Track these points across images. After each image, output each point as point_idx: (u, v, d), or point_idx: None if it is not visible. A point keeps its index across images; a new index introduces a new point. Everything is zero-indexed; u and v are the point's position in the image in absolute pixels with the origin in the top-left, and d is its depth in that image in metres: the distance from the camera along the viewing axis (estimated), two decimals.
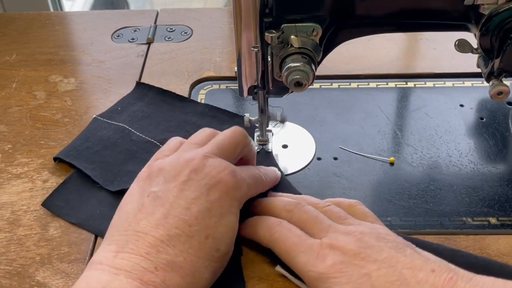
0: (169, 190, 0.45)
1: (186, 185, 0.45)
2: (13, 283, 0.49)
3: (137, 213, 0.44)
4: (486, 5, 0.47)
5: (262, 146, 0.61)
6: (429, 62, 0.75)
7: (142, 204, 0.45)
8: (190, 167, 0.46)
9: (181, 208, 0.44)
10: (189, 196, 0.44)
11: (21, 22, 0.86)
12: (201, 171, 0.46)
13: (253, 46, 0.49)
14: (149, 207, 0.44)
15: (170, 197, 0.44)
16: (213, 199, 0.45)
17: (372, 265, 0.42)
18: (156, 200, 0.45)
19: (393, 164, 0.60)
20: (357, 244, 0.44)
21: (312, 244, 0.45)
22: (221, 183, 0.46)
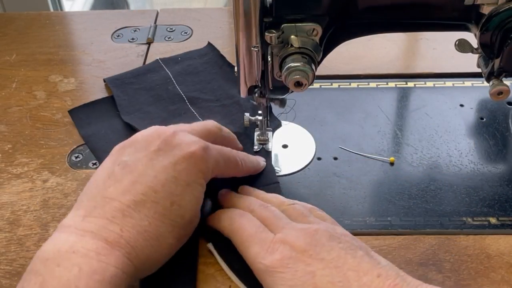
0: (139, 160, 0.46)
1: (155, 155, 0.47)
2: (13, 283, 0.49)
3: (106, 180, 0.46)
4: (486, 5, 0.47)
5: (262, 146, 0.60)
6: (429, 62, 0.75)
7: (112, 172, 0.46)
8: (162, 138, 0.47)
9: (149, 176, 0.45)
10: (157, 165, 0.46)
11: (21, 22, 0.86)
12: (172, 142, 0.47)
13: (253, 46, 0.49)
14: (118, 175, 0.46)
15: (139, 166, 0.46)
16: (180, 168, 0.46)
17: (318, 264, 0.43)
18: (125, 168, 0.46)
19: (393, 164, 0.60)
20: (307, 241, 0.44)
21: (266, 237, 0.46)
22: (189, 155, 0.47)
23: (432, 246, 0.51)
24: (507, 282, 0.48)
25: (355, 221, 0.54)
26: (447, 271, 0.49)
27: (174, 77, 0.71)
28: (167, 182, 0.45)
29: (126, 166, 0.46)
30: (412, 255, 0.50)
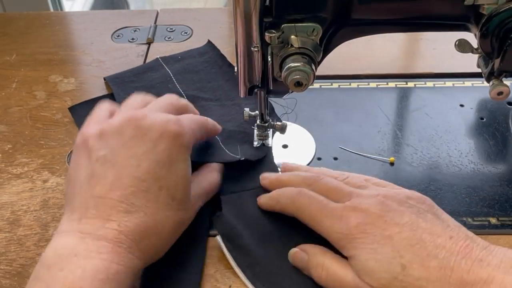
0: (116, 151, 0.46)
1: (132, 142, 0.46)
2: (13, 283, 0.49)
3: (90, 179, 0.45)
4: (486, 5, 0.47)
5: (262, 141, 0.60)
6: (429, 62, 0.75)
7: (92, 169, 0.45)
8: (133, 124, 0.46)
9: (131, 167, 0.45)
10: (137, 153, 0.45)
11: (21, 22, 0.86)
12: (144, 126, 0.46)
13: (253, 46, 0.49)
14: (100, 172, 0.45)
15: (119, 158, 0.45)
16: (160, 150, 0.46)
17: (395, 228, 0.44)
18: (106, 163, 0.45)
19: (393, 164, 0.60)
20: (380, 207, 0.45)
21: (335, 207, 0.47)
22: (166, 133, 0.46)
23: None
24: None
25: None
26: None
27: (174, 75, 0.71)
28: (151, 168, 0.45)
29: (106, 161, 0.45)
30: None
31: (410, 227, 0.44)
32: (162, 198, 0.45)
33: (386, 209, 0.45)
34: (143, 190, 0.45)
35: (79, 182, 0.46)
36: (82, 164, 0.47)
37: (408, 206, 0.46)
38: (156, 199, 0.45)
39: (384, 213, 0.45)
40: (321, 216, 0.47)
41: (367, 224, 0.45)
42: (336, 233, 0.46)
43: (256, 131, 0.61)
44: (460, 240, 0.43)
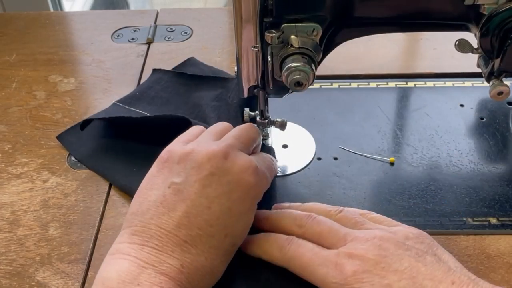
0: (191, 185, 0.45)
1: (207, 181, 0.45)
2: (13, 283, 0.49)
3: (159, 206, 0.45)
4: (486, 5, 0.47)
5: (262, 141, 0.60)
6: (429, 62, 0.75)
7: (164, 195, 0.45)
8: (213, 161, 0.46)
9: (202, 207, 0.44)
10: (211, 194, 0.45)
11: (21, 22, 0.86)
12: (223, 166, 0.46)
13: (253, 46, 0.49)
14: (170, 201, 0.45)
15: (192, 193, 0.45)
16: (234, 198, 0.45)
17: (393, 276, 0.42)
18: (178, 194, 0.45)
19: (393, 164, 0.60)
20: (377, 252, 0.43)
21: (327, 255, 0.45)
22: (243, 182, 0.46)
23: None
24: (507, 282, 0.48)
25: None
26: None
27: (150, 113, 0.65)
28: (221, 214, 0.45)
29: (178, 192, 0.45)
30: None
31: (409, 274, 0.42)
32: (225, 245, 0.45)
33: (383, 254, 0.43)
34: (209, 235, 0.44)
35: (147, 203, 0.45)
36: (156, 183, 0.46)
37: (406, 248, 0.44)
38: (219, 246, 0.45)
39: (381, 259, 0.43)
40: (314, 265, 0.45)
41: (364, 272, 0.42)
42: (332, 283, 0.43)
43: None
44: (463, 285, 0.41)
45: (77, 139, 0.63)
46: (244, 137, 0.50)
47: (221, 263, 0.45)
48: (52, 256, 0.51)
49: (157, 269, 0.42)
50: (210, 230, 0.44)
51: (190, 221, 0.44)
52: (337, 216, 0.49)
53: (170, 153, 0.48)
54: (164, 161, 0.48)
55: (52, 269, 0.50)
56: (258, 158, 0.50)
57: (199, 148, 0.47)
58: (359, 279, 0.42)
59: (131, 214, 0.46)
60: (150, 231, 0.44)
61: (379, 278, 0.42)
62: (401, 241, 0.44)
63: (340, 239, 0.46)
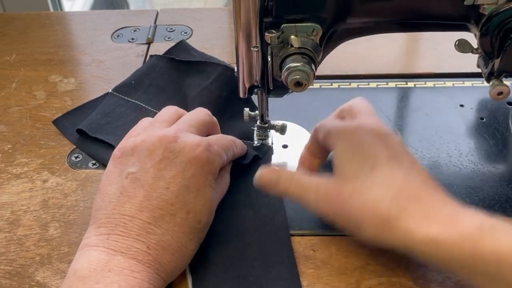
0: (146, 171, 0.47)
1: (162, 164, 0.47)
2: (13, 283, 0.49)
3: (119, 196, 0.47)
4: (486, 5, 0.47)
5: (262, 141, 0.60)
6: (429, 62, 0.75)
7: (123, 186, 0.47)
8: (164, 145, 0.48)
9: (161, 189, 0.46)
10: (167, 176, 0.47)
11: (21, 22, 0.86)
12: (175, 148, 0.48)
13: (253, 46, 0.49)
14: (129, 190, 0.46)
15: (149, 178, 0.47)
16: (189, 175, 0.47)
17: None
18: (135, 182, 0.47)
19: None
20: None
21: None
22: (196, 159, 0.48)
23: None
24: None
25: None
26: (447, 271, 0.49)
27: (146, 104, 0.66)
28: (180, 193, 0.46)
29: (136, 180, 0.47)
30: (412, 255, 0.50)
31: None
32: (189, 222, 0.47)
33: None
34: (171, 213, 0.46)
35: (108, 196, 0.47)
36: (113, 178, 0.48)
37: None
38: (182, 223, 0.46)
39: None
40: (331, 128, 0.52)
41: None
42: None
43: (256, 131, 0.61)
44: None
45: (72, 124, 0.64)
46: (194, 121, 0.52)
47: (190, 240, 0.47)
48: (52, 256, 0.51)
49: (125, 254, 0.44)
50: (171, 208, 0.46)
51: (151, 203, 0.46)
52: None
53: (122, 149, 0.50)
54: (118, 157, 0.49)
55: (52, 269, 0.50)
56: (214, 138, 0.52)
57: (149, 137, 0.49)
58: None
59: (95, 211, 0.47)
60: (115, 220, 0.45)
61: None
62: None
63: None
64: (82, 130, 0.62)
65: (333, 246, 0.51)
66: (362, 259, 0.50)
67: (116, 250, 0.44)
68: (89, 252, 0.44)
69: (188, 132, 0.50)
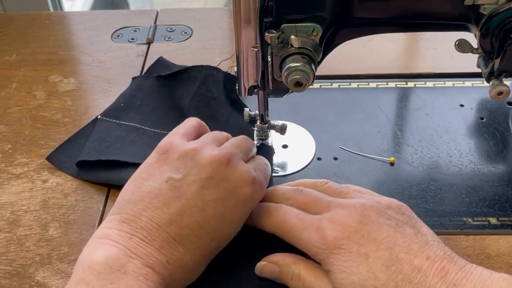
0: (188, 184, 0.45)
1: (206, 183, 0.45)
2: (13, 283, 0.49)
3: (153, 198, 0.45)
4: (486, 5, 0.47)
5: (262, 141, 0.61)
6: (429, 62, 0.75)
7: (160, 189, 0.45)
8: (214, 165, 0.46)
9: (196, 208, 0.45)
10: (207, 197, 0.45)
11: (21, 22, 0.86)
12: (224, 172, 0.46)
13: (253, 46, 0.49)
14: (166, 196, 0.45)
15: (189, 192, 0.45)
16: (229, 205, 0.46)
17: (372, 245, 0.43)
18: (174, 190, 0.45)
19: (393, 164, 0.60)
20: (358, 219, 0.44)
21: (311, 219, 0.46)
22: (240, 192, 0.46)
23: None
24: None
25: None
26: None
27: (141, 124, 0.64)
28: (213, 218, 0.45)
29: (175, 188, 0.45)
30: None
31: (387, 245, 0.42)
32: (211, 247, 0.46)
33: (364, 222, 0.44)
34: (197, 235, 0.45)
35: (141, 192, 0.45)
36: (152, 174, 0.46)
37: (387, 217, 0.44)
38: (205, 248, 0.45)
39: (362, 226, 0.43)
40: (297, 230, 0.46)
41: (344, 239, 0.43)
42: (314, 247, 0.44)
43: (256, 131, 0.61)
44: (437, 260, 0.41)
45: (68, 158, 0.61)
46: (243, 147, 0.50)
47: (203, 262, 0.46)
48: (52, 256, 0.51)
49: (144, 261, 0.43)
50: (200, 231, 0.45)
51: (183, 220, 0.44)
52: (323, 187, 0.50)
53: (170, 145, 0.48)
54: (163, 152, 0.47)
55: (52, 269, 0.50)
56: (255, 165, 0.50)
57: (202, 150, 0.47)
58: (339, 245, 0.43)
59: (123, 201, 0.46)
60: (141, 222, 0.44)
61: (358, 246, 0.43)
62: (383, 210, 0.45)
63: (324, 207, 0.47)
64: (82, 161, 0.60)
65: None
66: None
67: (136, 254, 0.43)
68: (109, 247, 0.43)
69: (239, 159, 0.48)
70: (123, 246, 0.43)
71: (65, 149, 0.62)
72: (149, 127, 0.64)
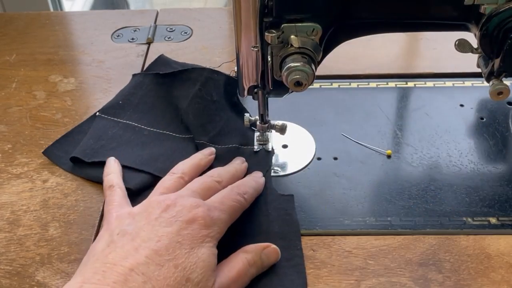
0: (139, 228, 0.45)
1: (157, 222, 0.46)
2: (13, 283, 0.49)
3: (105, 249, 0.44)
4: (486, 5, 0.47)
5: (262, 146, 0.61)
6: (429, 62, 0.75)
7: (112, 240, 0.45)
8: (162, 207, 0.47)
9: (151, 241, 0.44)
10: (160, 232, 0.45)
11: (21, 22, 0.86)
12: (173, 210, 0.46)
13: (253, 46, 0.49)
14: (118, 242, 0.44)
15: (141, 233, 0.45)
16: (184, 233, 0.45)
17: None
18: (126, 235, 0.45)
19: (390, 157, 0.60)
20: None
21: None
22: (194, 223, 0.46)
23: (432, 246, 0.51)
24: (507, 282, 0.48)
25: (355, 221, 0.54)
26: (447, 271, 0.49)
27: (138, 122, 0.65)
28: (171, 246, 0.44)
29: (126, 234, 0.45)
30: (412, 255, 0.50)
31: None
32: (176, 277, 0.43)
33: None
34: (157, 263, 0.43)
35: (95, 252, 0.45)
36: (103, 237, 0.46)
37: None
38: (168, 276, 0.42)
39: None
40: None
41: None
42: None
43: (256, 135, 0.61)
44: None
45: (65, 153, 0.62)
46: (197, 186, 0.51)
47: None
48: (52, 256, 0.51)
49: None
50: (159, 259, 0.43)
51: (138, 252, 0.43)
52: None
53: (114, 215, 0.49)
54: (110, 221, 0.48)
55: (52, 269, 0.50)
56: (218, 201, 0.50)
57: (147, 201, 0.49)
58: None
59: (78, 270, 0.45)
60: (94, 269, 0.42)
61: None
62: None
63: None
64: (76, 158, 0.60)
65: (333, 246, 0.51)
66: (362, 259, 0.50)
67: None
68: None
69: (190, 196, 0.48)
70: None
71: (62, 144, 0.63)
72: (146, 126, 0.64)
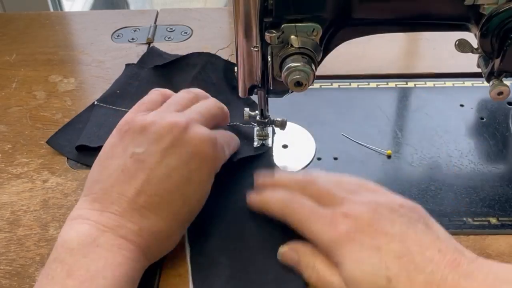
0: (151, 155, 0.47)
1: (168, 152, 0.47)
2: (13, 283, 0.49)
3: (120, 174, 0.46)
4: (486, 5, 0.47)
5: (262, 141, 0.60)
6: (429, 62, 0.75)
7: (125, 164, 0.47)
8: (174, 133, 0.48)
9: (162, 176, 0.46)
10: (171, 164, 0.47)
11: (21, 22, 0.86)
12: (183, 138, 0.48)
13: (253, 46, 0.49)
14: (131, 169, 0.46)
15: (153, 162, 0.47)
16: (193, 168, 0.47)
17: (383, 238, 0.43)
18: (139, 163, 0.47)
19: (390, 157, 0.60)
20: (371, 215, 0.45)
21: (325, 213, 0.46)
22: (201, 153, 0.48)
23: None
24: None
25: None
26: None
27: None
28: (180, 183, 0.47)
29: (139, 161, 0.47)
30: None
31: (399, 238, 0.43)
32: (183, 212, 0.48)
33: (376, 217, 0.44)
34: (168, 201, 0.46)
35: (108, 171, 0.47)
36: (116, 153, 0.48)
37: (400, 215, 0.45)
38: (177, 212, 0.47)
39: (374, 221, 0.44)
40: (310, 222, 0.47)
41: (356, 232, 0.44)
42: (325, 239, 0.45)
43: (256, 131, 0.61)
44: (448, 253, 0.42)
45: (68, 142, 0.63)
46: (206, 112, 0.52)
47: (178, 230, 0.48)
48: None
49: (116, 232, 0.44)
50: (170, 197, 0.46)
51: (151, 188, 0.46)
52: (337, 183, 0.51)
53: (130, 124, 0.49)
54: (125, 131, 0.49)
55: None
56: (218, 133, 0.52)
57: (160, 120, 0.48)
58: (351, 237, 0.44)
59: (91, 182, 0.48)
60: (111, 198, 0.46)
61: (370, 239, 0.43)
62: (396, 207, 0.46)
63: (337, 201, 0.47)
64: (81, 146, 0.61)
65: None
66: None
67: (108, 227, 0.44)
68: (80, 225, 0.45)
69: (199, 124, 0.50)
70: (94, 222, 0.45)
71: (64, 133, 0.64)
72: None
